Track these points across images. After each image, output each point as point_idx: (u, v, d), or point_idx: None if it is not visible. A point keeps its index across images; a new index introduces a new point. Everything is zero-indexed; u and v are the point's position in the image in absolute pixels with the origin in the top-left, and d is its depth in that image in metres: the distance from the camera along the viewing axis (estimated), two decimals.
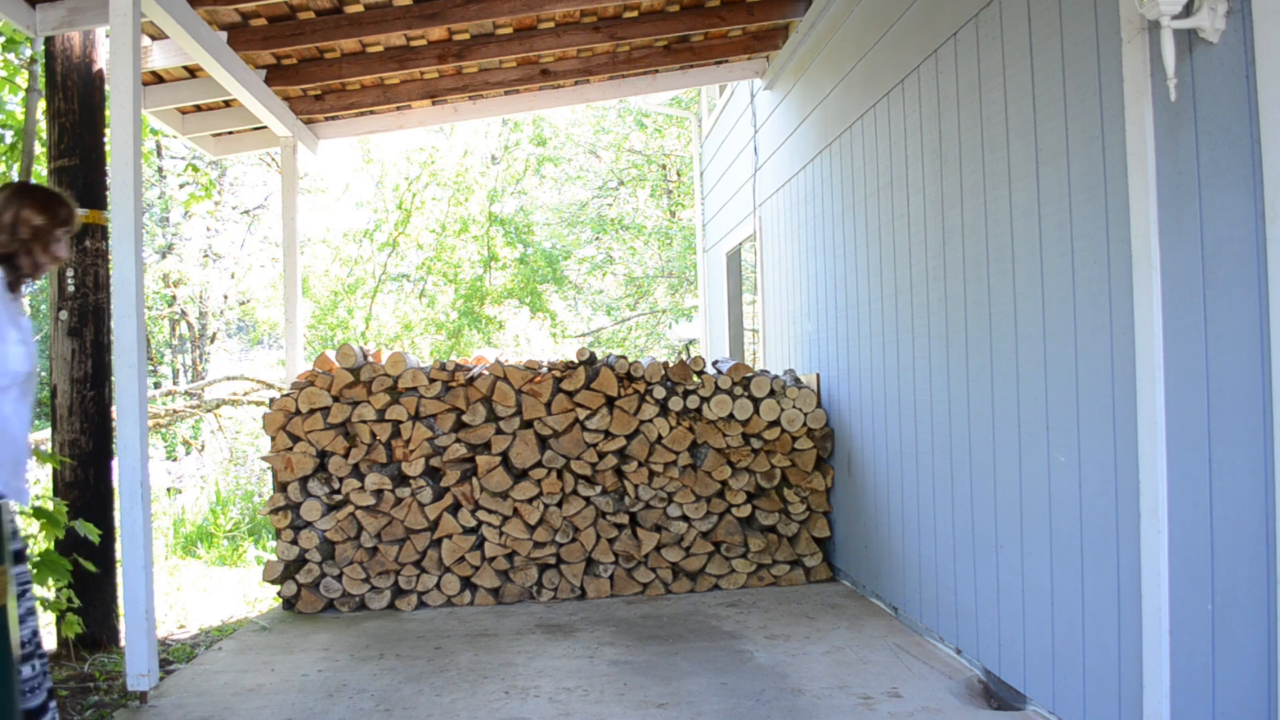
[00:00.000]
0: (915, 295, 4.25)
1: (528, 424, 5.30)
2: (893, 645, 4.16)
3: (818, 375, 5.73)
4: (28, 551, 2.56)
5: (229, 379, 10.16)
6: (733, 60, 6.80)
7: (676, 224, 16.96)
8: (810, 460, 5.48)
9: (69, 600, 3.87)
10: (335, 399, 5.19)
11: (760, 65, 6.85)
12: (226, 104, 6.01)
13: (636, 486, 5.31)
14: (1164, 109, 2.45)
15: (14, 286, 2.47)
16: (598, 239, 17.29)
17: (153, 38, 5.02)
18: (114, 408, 4.15)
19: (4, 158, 5.51)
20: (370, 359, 5.37)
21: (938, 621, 4.10)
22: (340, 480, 5.15)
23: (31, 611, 2.41)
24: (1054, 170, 3.06)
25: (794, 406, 5.45)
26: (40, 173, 5.23)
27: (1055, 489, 3.10)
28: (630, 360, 5.40)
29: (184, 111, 6.10)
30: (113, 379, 4.02)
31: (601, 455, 5.31)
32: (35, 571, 3.69)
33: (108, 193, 4.29)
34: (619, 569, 5.32)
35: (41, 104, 4.80)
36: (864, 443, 5.01)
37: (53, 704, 2.48)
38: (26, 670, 2.35)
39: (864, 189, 4.90)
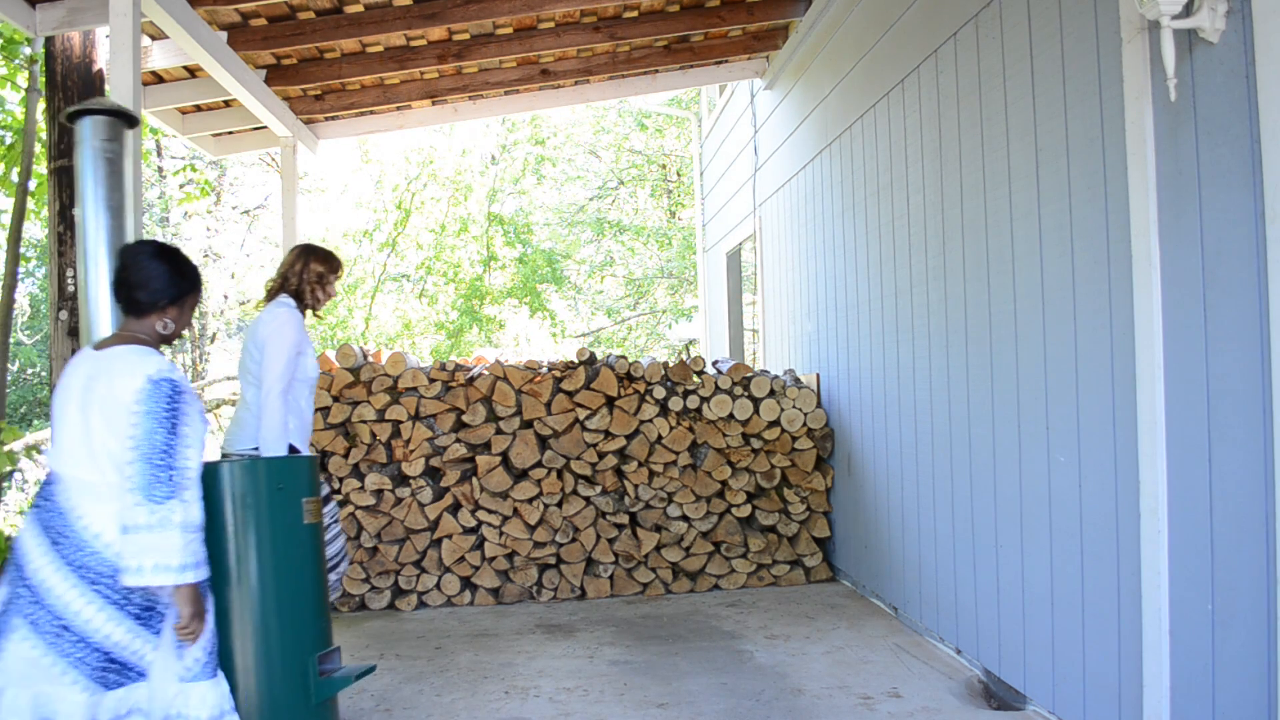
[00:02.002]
0: (915, 295, 4.25)
1: (528, 424, 5.30)
2: (893, 645, 4.16)
3: (818, 375, 5.73)
4: (328, 495, 3.61)
5: (229, 379, 10.16)
6: (733, 60, 6.80)
7: (676, 224, 16.96)
8: (810, 460, 5.48)
9: None
10: (335, 399, 5.19)
11: (760, 65, 6.85)
12: (226, 104, 6.01)
13: (636, 486, 5.31)
14: (1164, 109, 2.45)
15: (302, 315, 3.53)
16: (597, 240, 17.29)
17: (153, 38, 5.02)
18: None
19: (4, 158, 5.51)
20: (370, 359, 5.37)
21: (938, 621, 4.10)
22: (340, 480, 5.15)
23: (338, 535, 3.66)
24: (1054, 170, 3.06)
25: (794, 406, 5.45)
26: (40, 172, 5.23)
27: (1055, 489, 3.10)
28: (630, 360, 5.40)
29: (184, 111, 6.10)
30: None
31: (601, 455, 5.31)
32: None
33: None
34: (619, 569, 5.32)
35: (41, 104, 4.81)
36: (864, 443, 5.01)
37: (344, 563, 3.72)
38: (343, 564, 3.69)
39: (864, 189, 4.90)
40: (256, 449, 3.37)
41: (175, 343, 2.58)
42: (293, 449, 3.40)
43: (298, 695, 2.73)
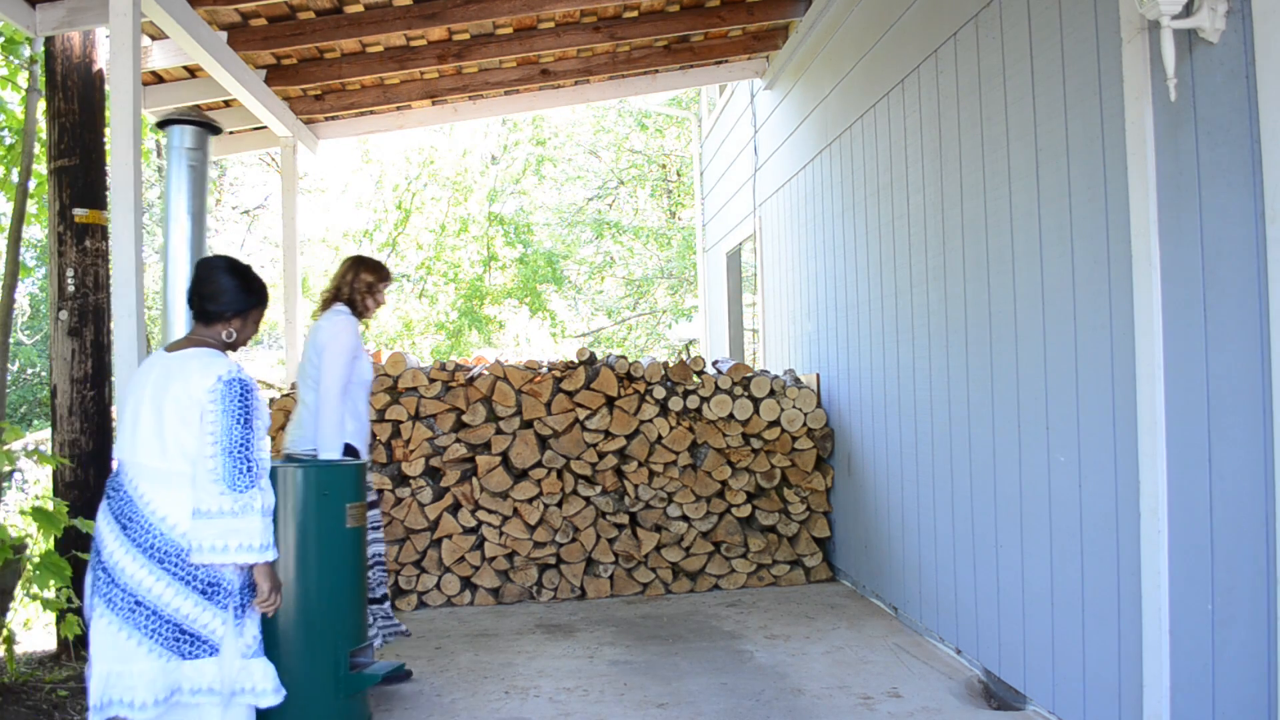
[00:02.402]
0: (915, 295, 4.25)
1: (528, 424, 5.30)
2: (893, 645, 4.16)
3: (818, 375, 5.73)
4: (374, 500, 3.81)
5: None
6: (733, 60, 6.80)
7: (676, 224, 16.96)
8: (810, 460, 5.48)
9: (69, 600, 3.87)
10: None
11: (760, 65, 6.85)
12: (226, 104, 6.01)
13: (636, 486, 5.31)
14: (1164, 109, 2.45)
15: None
16: (596, 241, 17.29)
17: (153, 38, 5.02)
18: (114, 408, 4.15)
19: (4, 158, 5.51)
20: (370, 359, 5.36)
21: (938, 621, 4.10)
22: None
23: (378, 540, 3.81)
24: (1054, 170, 3.06)
25: (794, 406, 5.45)
26: (40, 172, 5.23)
27: (1055, 489, 3.10)
28: (630, 360, 5.40)
29: None
30: (113, 379, 4.02)
31: (601, 455, 5.31)
32: (39, 574, 3.68)
33: (108, 193, 4.29)
34: (619, 569, 5.32)
35: (41, 104, 4.80)
36: (864, 443, 5.01)
37: (387, 604, 3.80)
38: (379, 573, 3.80)
39: (864, 189, 4.90)
40: (315, 450, 3.58)
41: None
42: (349, 449, 3.60)
43: (328, 687, 2.95)
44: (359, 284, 3.81)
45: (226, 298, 2.69)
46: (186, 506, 2.48)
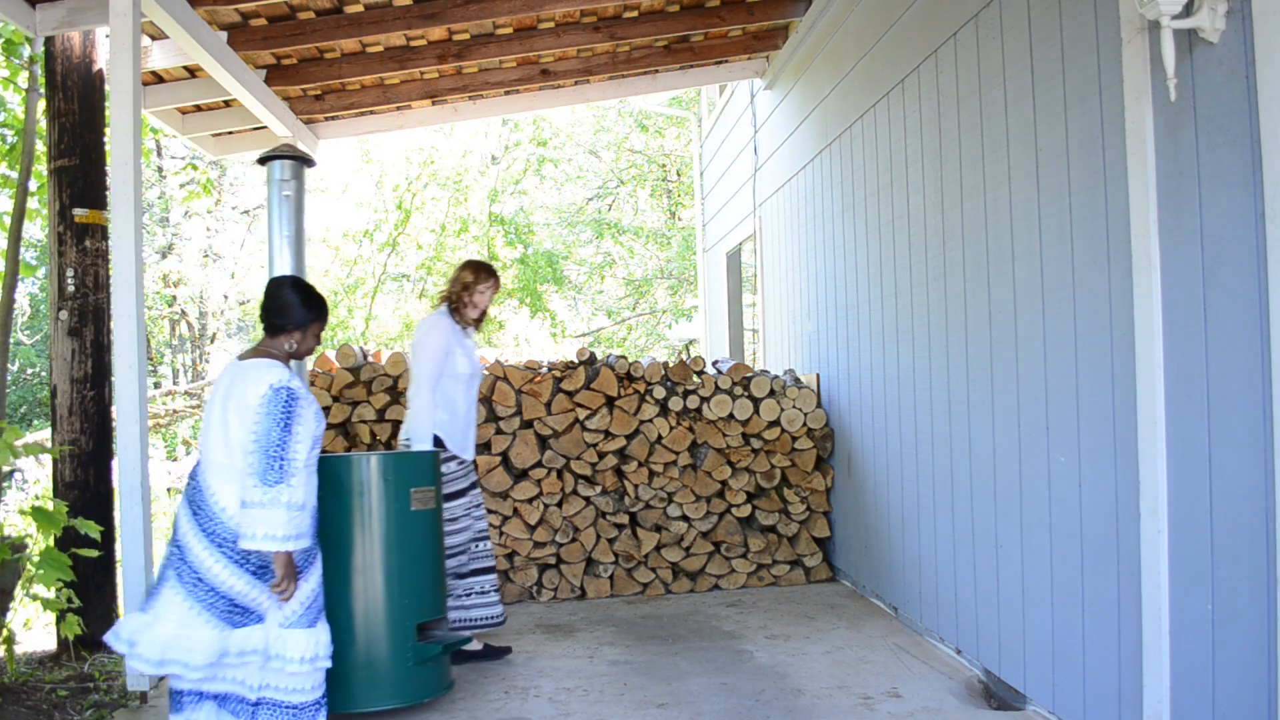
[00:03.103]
0: (915, 295, 4.25)
1: (528, 424, 5.30)
2: (893, 645, 4.16)
3: (818, 375, 5.73)
4: (454, 490, 3.97)
5: None
6: (733, 60, 6.80)
7: (676, 224, 16.96)
8: (810, 460, 5.48)
9: (69, 600, 3.87)
10: (335, 399, 5.18)
11: (760, 65, 6.85)
12: (226, 104, 6.01)
13: (636, 486, 5.31)
14: (1164, 109, 2.45)
15: (459, 320, 4.04)
16: (596, 241, 17.29)
17: (153, 38, 5.02)
18: (114, 408, 4.15)
19: (4, 158, 5.51)
20: (370, 359, 5.37)
21: (938, 621, 4.10)
22: None
23: (481, 519, 4.10)
24: (1054, 170, 3.06)
25: (794, 406, 5.45)
26: (40, 172, 5.23)
27: (1055, 489, 3.10)
28: (630, 360, 5.40)
29: (184, 111, 6.09)
30: (113, 379, 4.02)
31: (601, 455, 5.31)
32: (40, 574, 3.69)
33: (108, 193, 4.29)
34: (619, 569, 5.32)
35: (41, 104, 4.80)
36: (864, 443, 5.01)
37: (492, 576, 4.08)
38: (485, 546, 4.10)
39: (864, 189, 4.90)
40: (410, 440, 3.86)
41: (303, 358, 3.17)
42: (437, 440, 3.86)
43: (399, 654, 3.32)
44: (457, 285, 4.04)
45: (289, 313, 3.02)
46: (239, 498, 2.84)
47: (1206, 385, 2.33)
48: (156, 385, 13.86)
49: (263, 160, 3.74)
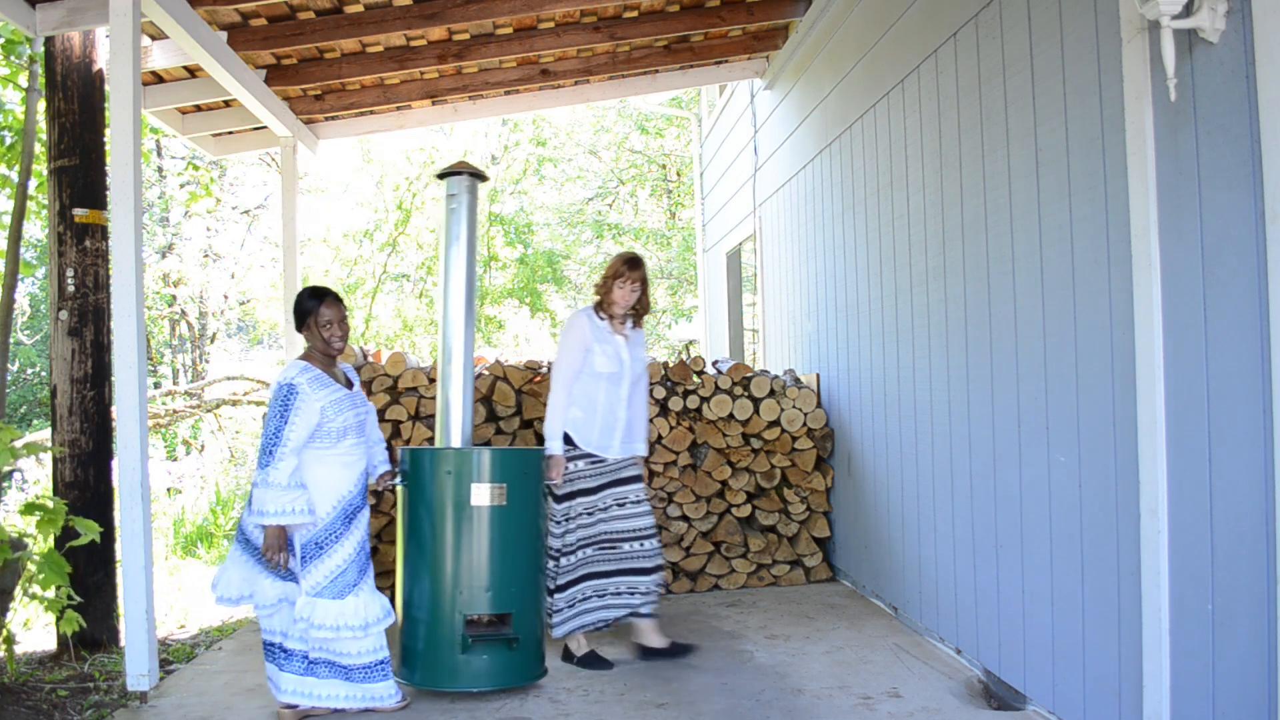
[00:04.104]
0: (915, 295, 4.25)
1: (528, 424, 5.29)
2: (893, 645, 4.16)
3: (818, 375, 5.73)
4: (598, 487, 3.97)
5: (229, 379, 10.16)
6: (733, 60, 6.80)
7: (675, 225, 16.96)
8: (810, 460, 5.48)
9: (68, 598, 3.87)
10: None
11: (760, 65, 6.85)
12: (226, 104, 6.01)
13: None
14: (1164, 109, 2.45)
15: (607, 318, 4.00)
16: (596, 241, 17.28)
17: (153, 38, 5.01)
18: (114, 408, 4.15)
19: (4, 158, 5.51)
20: (370, 359, 5.36)
21: (938, 621, 4.10)
22: None
23: (616, 519, 3.97)
24: (1054, 170, 3.06)
25: (794, 406, 5.45)
26: (40, 172, 5.23)
27: (1055, 489, 3.10)
28: None
29: (184, 111, 6.09)
30: (113, 379, 4.02)
31: None
32: (41, 575, 3.69)
33: (108, 193, 4.29)
34: None
35: (41, 104, 4.80)
36: (864, 443, 5.01)
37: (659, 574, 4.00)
38: (652, 544, 3.99)
39: (864, 189, 4.90)
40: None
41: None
42: (568, 438, 3.91)
43: (448, 642, 3.54)
44: (603, 280, 4.03)
45: (294, 316, 3.49)
46: None
47: (1206, 385, 2.33)
48: (156, 385, 13.86)
49: (441, 175, 4.03)
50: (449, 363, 3.98)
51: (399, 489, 3.71)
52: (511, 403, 5.25)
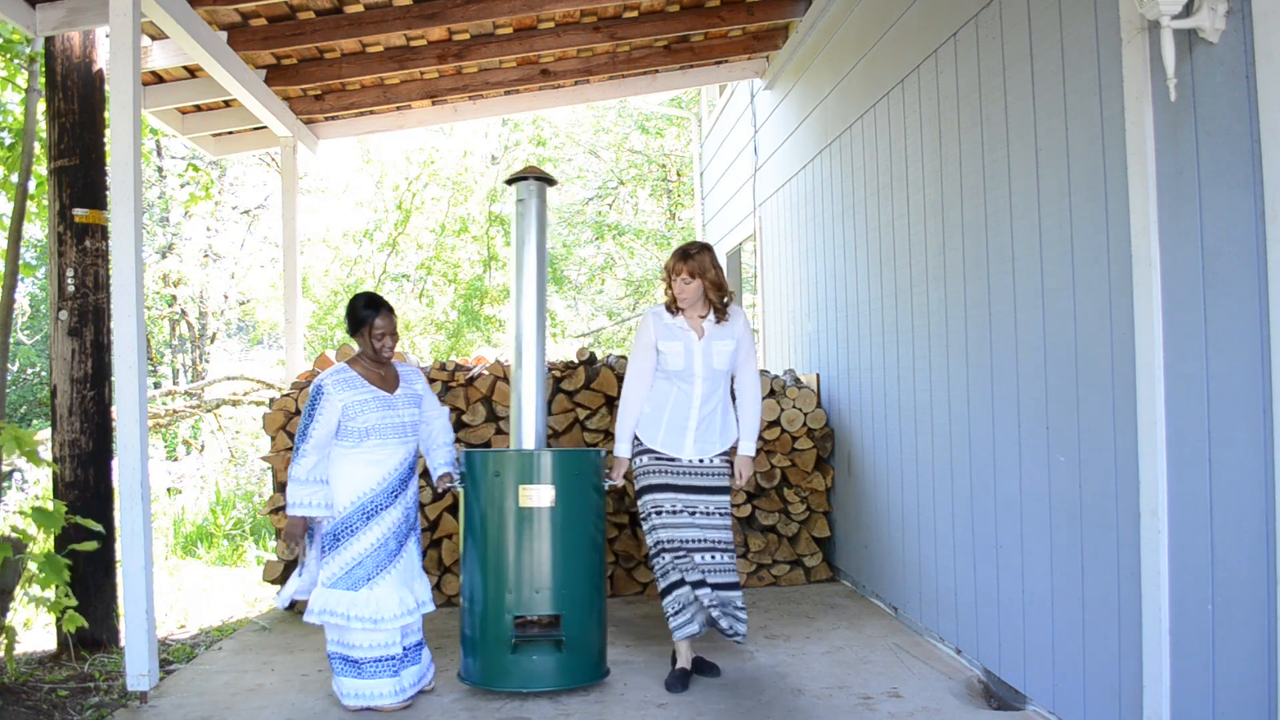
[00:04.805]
0: (915, 295, 4.25)
1: None
2: (893, 645, 4.16)
3: (818, 375, 5.73)
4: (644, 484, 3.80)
5: (229, 379, 10.15)
6: (733, 60, 6.80)
7: (675, 225, 16.96)
8: (810, 460, 5.47)
9: (67, 594, 3.87)
10: None
11: (760, 65, 6.85)
12: (226, 104, 6.01)
13: None
14: (1164, 109, 2.45)
15: (679, 313, 3.81)
16: (596, 241, 17.28)
17: (153, 38, 5.02)
18: (114, 408, 4.15)
19: (4, 158, 5.51)
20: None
21: (938, 621, 4.10)
22: None
23: (721, 528, 3.76)
24: (1054, 170, 3.06)
25: (794, 406, 5.45)
26: (40, 172, 5.23)
27: (1055, 489, 3.10)
28: None
29: (184, 111, 6.10)
30: (113, 379, 4.02)
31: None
32: (41, 576, 3.69)
33: (108, 193, 4.29)
34: (619, 569, 5.32)
35: (41, 104, 4.80)
36: (864, 443, 5.01)
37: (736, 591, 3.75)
38: (726, 558, 3.75)
39: (864, 189, 4.90)
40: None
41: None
42: (636, 437, 3.83)
43: (496, 641, 3.55)
44: (663, 277, 3.89)
45: (347, 322, 3.62)
46: None
47: (1206, 385, 2.33)
48: (156, 385, 13.86)
49: (510, 181, 4.05)
50: (520, 365, 3.95)
51: (460, 490, 3.72)
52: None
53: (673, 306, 3.79)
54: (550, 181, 4.08)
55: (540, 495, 3.56)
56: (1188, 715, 2.41)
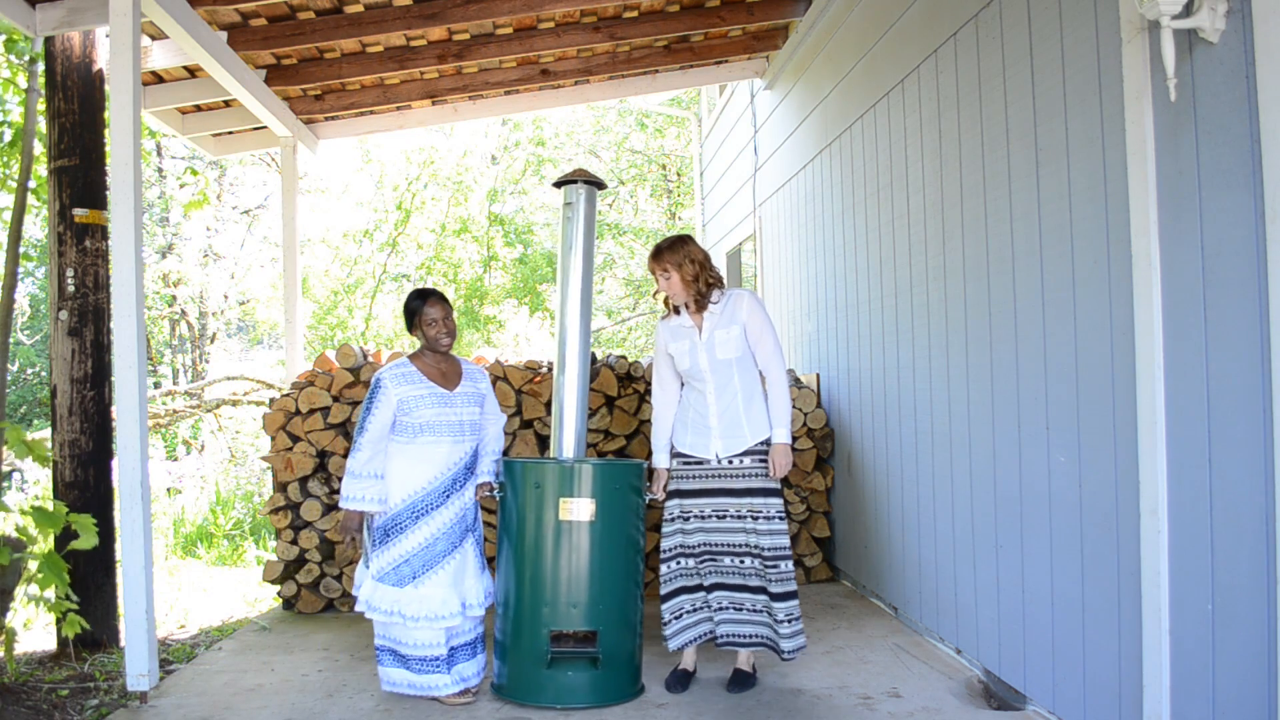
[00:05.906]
0: (915, 295, 4.25)
1: (528, 424, 5.29)
2: (893, 645, 4.16)
3: (818, 375, 5.73)
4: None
5: (229, 379, 10.15)
6: (733, 60, 6.80)
7: (675, 225, 16.96)
8: (810, 460, 5.47)
9: (67, 595, 3.86)
10: (335, 399, 5.18)
11: (760, 65, 6.85)
12: (226, 104, 6.01)
13: None
14: (1164, 109, 2.45)
15: (676, 312, 3.77)
16: (597, 241, 17.28)
17: (153, 38, 5.02)
18: (114, 408, 4.15)
19: (4, 158, 5.51)
20: (370, 359, 5.36)
21: (938, 621, 4.10)
22: (340, 480, 5.14)
23: (758, 532, 3.57)
24: (1054, 170, 3.06)
25: (794, 406, 5.44)
26: (40, 173, 5.23)
27: (1055, 489, 3.10)
28: (630, 360, 5.40)
29: (184, 111, 6.10)
30: (113, 379, 4.02)
31: (602, 455, 5.30)
32: (41, 577, 3.68)
33: (108, 193, 4.29)
34: None
35: (41, 104, 4.80)
36: (864, 443, 5.01)
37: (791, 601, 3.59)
38: (752, 564, 3.61)
39: (864, 189, 4.90)
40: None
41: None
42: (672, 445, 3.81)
43: (533, 656, 3.46)
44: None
45: (405, 316, 3.66)
46: None
47: (1206, 385, 2.33)
48: (156, 385, 13.86)
49: (559, 184, 3.99)
50: (564, 372, 3.81)
51: (499, 500, 3.65)
52: (512, 403, 5.25)
53: (669, 306, 3.80)
54: (600, 185, 3.97)
55: (580, 509, 3.45)
56: (1188, 715, 2.41)
